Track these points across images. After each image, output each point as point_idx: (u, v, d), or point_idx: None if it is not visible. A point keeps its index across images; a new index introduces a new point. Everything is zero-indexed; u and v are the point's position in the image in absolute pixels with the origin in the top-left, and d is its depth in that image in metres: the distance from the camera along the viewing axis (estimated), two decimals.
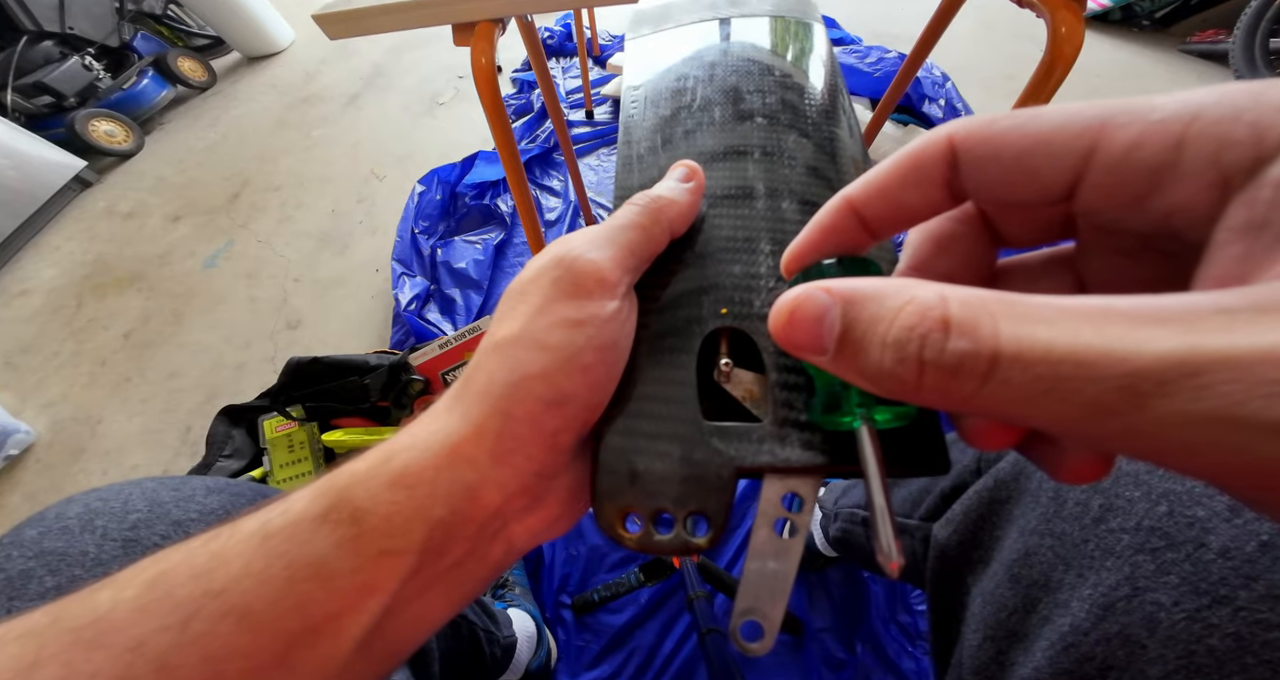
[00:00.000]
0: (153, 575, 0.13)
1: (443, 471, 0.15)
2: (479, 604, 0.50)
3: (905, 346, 0.09)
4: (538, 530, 0.17)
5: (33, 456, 0.99)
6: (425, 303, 1.03)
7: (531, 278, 0.17)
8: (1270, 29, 1.24)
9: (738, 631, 0.15)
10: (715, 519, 0.16)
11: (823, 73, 0.26)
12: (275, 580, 0.13)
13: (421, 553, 0.14)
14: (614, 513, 0.16)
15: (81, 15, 1.87)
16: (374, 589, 0.14)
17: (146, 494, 0.26)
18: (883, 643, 0.61)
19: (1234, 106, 0.09)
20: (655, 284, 0.19)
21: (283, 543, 0.14)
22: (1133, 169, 0.10)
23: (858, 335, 0.10)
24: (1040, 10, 0.46)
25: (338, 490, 0.14)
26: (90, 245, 1.51)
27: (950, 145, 0.12)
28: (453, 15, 0.51)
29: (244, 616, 0.13)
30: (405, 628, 0.15)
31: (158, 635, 0.12)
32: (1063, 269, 0.14)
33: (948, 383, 0.09)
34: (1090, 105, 0.11)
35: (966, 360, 0.08)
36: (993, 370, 0.08)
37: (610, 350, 0.16)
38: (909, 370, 0.09)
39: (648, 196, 0.19)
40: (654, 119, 0.25)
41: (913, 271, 0.15)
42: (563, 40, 1.79)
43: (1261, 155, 0.09)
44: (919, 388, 0.09)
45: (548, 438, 0.15)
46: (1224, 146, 0.09)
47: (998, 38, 1.60)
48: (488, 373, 0.16)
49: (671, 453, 0.16)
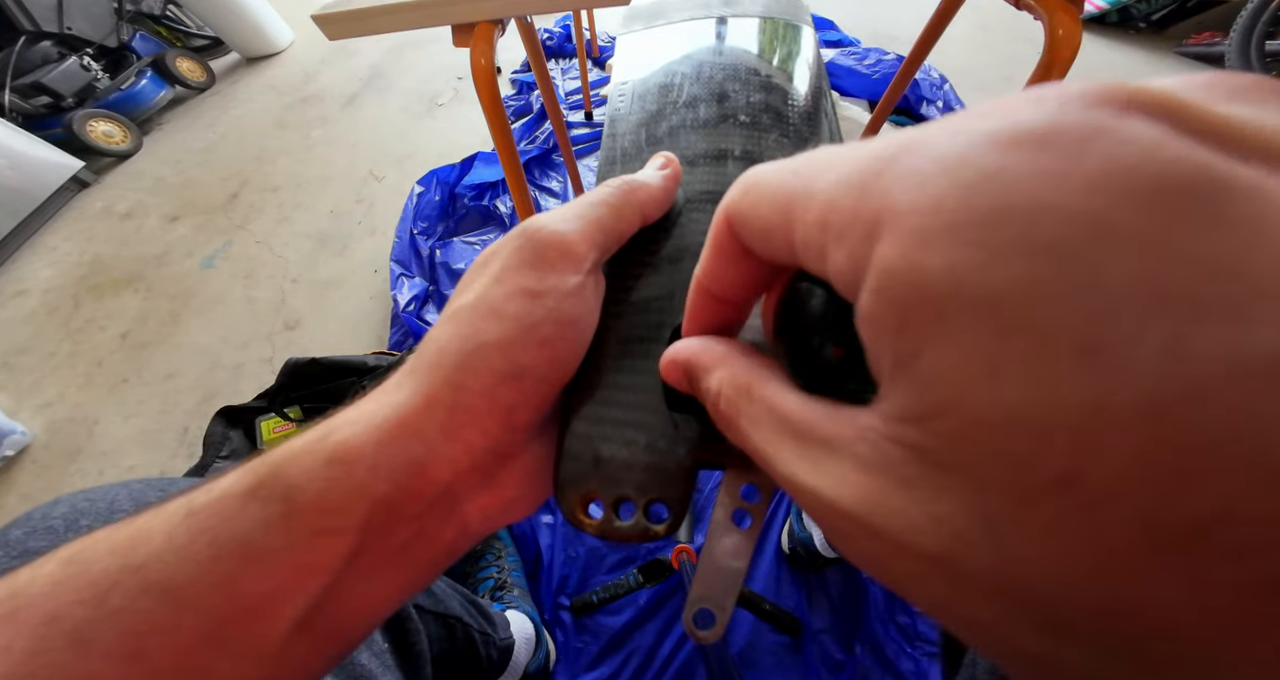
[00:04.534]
0: (73, 551, 0.13)
1: (386, 446, 0.14)
2: (475, 606, 0.50)
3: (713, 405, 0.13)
4: (493, 512, 0.16)
5: (29, 457, 0.99)
6: (424, 304, 1.03)
7: (494, 248, 0.17)
8: (1266, 31, 1.25)
9: (690, 619, 0.15)
10: (675, 507, 0.16)
11: (808, 76, 0.26)
12: (198, 556, 0.13)
13: (362, 532, 0.14)
14: (576, 498, 0.16)
15: (80, 15, 1.86)
16: (311, 569, 0.13)
17: (133, 495, 0.26)
18: (882, 643, 0.61)
19: (849, 183, 0.09)
20: (630, 275, 0.19)
21: (207, 519, 0.13)
22: (804, 246, 0.10)
23: (699, 389, 0.14)
24: (1038, 12, 0.46)
25: (270, 466, 0.14)
26: (88, 245, 1.50)
27: (726, 220, 0.12)
28: (452, 16, 0.51)
29: (165, 592, 0.12)
30: (351, 611, 0.15)
31: (73, 609, 0.12)
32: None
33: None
34: (804, 165, 0.10)
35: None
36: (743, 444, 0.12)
37: (571, 326, 0.16)
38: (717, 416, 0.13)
39: (621, 179, 0.19)
40: (640, 114, 0.25)
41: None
42: (562, 41, 1.79)
43: (871, 234, 0.08)
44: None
45: (503, 413, 0.15)
46: (840, 232, 0.09)
47: (995, 40, 1.60)
48: (440, 343, 0.15)
49: (636, 441, 0.16)
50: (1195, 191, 0.06)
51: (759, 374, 0.12)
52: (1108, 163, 0.06)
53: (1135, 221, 0.06)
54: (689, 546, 0.61)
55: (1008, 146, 0.07)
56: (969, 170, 0.07)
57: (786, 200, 0.10)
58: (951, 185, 0.07)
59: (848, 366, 0.11)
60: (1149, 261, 0.06)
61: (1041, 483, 0.06)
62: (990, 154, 0.07)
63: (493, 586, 0.66)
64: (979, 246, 0.07)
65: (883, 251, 0.08)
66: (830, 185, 0.09)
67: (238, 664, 0.13)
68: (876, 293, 0.08)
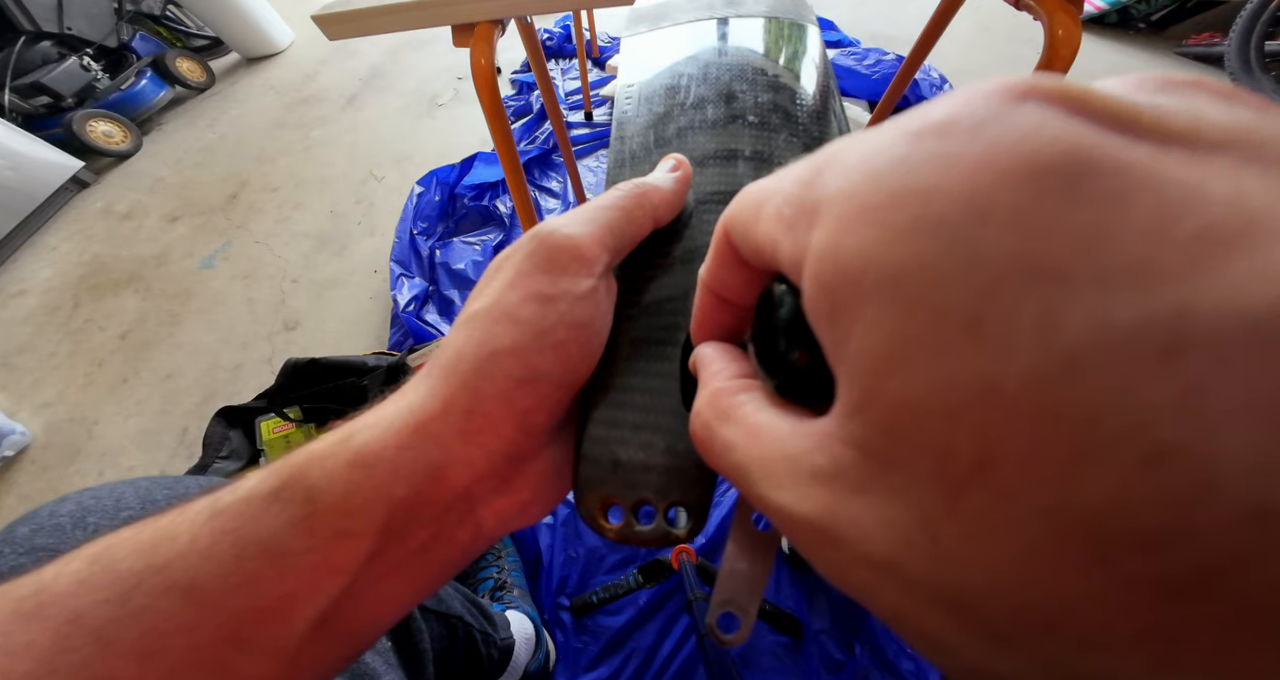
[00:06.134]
0: (98, 550, 0.13)
1: (405, 450, 0.14)
2: (476, 606, 0.50)
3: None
4: (508, 515, 0.16)
5: (28, 458, 0.99)
6: (424, 304, 1.03)
7: (508, 253, 0.17)
8: (1265, 32, 1.25)
9: (714, 623, 0.15)
10: (695, 510, 0.16)
11: (815, 75, 0.26)
12: (221, 557, 0.13)
13: (381, 534, 0.14)
14: (596, 503, 0.16)
15: (80, 15, 1.87)
16: (330, 570, 0.13)
17: (140, 492, 0.26)
18: (881, 644, 0.61)
19: (800, 180, 0.09)
20: (643, 277, 0.19)
21: (230, 520, 0.13)
22: (770, 243, 0.10)
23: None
24: (1038, 13, 0.46)
25: (293, 469, 0.14)
26: (87, 246, 1.50)
27: (724, 227, 0.12)
28: (452, 16, 0.51)
29: (188, 591, 0.12)
30: (366, 612, 0.15)
31: (97, 608, 0.12)
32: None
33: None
34: (783, 171, 0.11)
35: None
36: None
37: (584, 328, 0.16)
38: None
39: (632, 182, 0.19)
40: (647, 116, 0.25)
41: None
42: (562, 42, 1.79)
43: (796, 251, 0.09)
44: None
45: (519, 416, 0.15)
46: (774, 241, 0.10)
47: (995, 40, 1.60)
48: (456, 347, 0.15)
49: (655, 444, 0.16)
50: (1064, 169, 0.06)
51: (737, 398, 0.12)
52: (991, 145, 0.07)
53: (1010, 199, 0.06)
54: (689, 547, 0.61)
55: (915, 136, 0.08)
56: (881, 159, 0.08)
57: (760, 202, 0.11)
58: (867, 172, 0.08)
59: (814, 372, 0.10)
60: (1022, 237, 0.06)
61: (962, 472, 0.06)
62: (899, 143, 0.08)
63: (493, 587, 0.66)
64: (885, 227, 0.07)
65: (815, 237, 0.08)
66: (787, 184, 0.10)
67: (256, 663, 0.13)
68: (812, 279, 0.08)
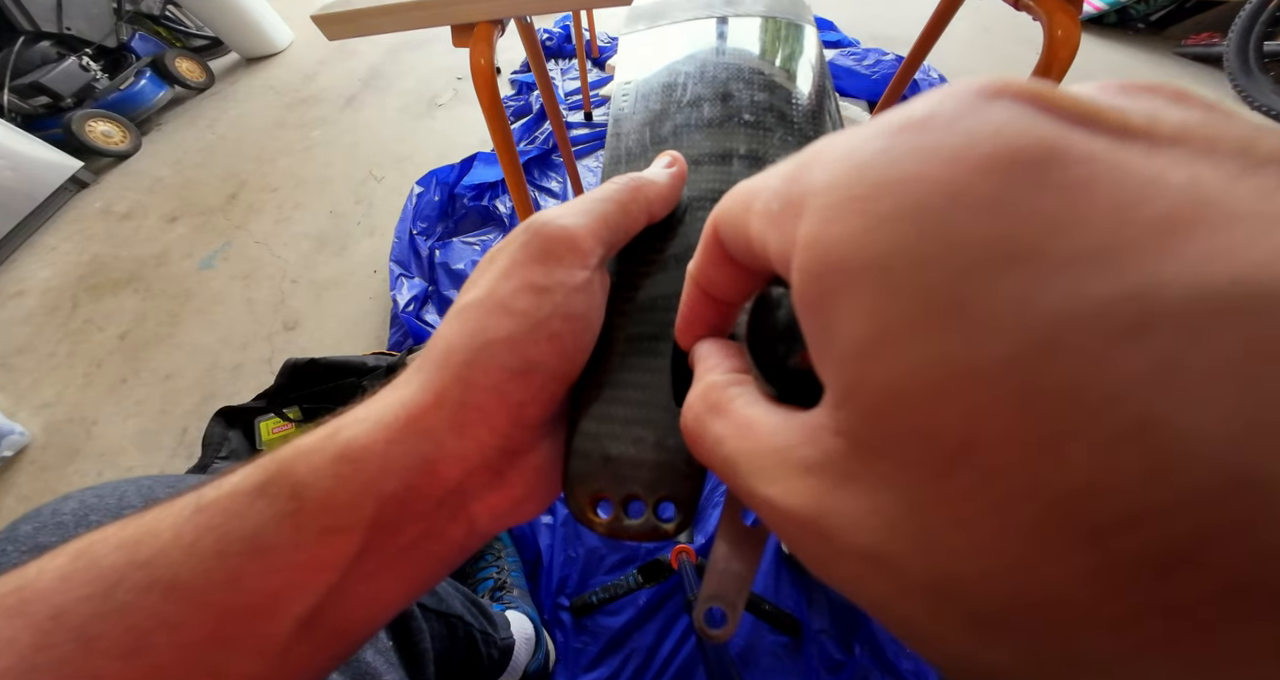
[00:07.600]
0: (81, 546, 0.13)
1: (396, 444, 0.14)
2: (476, 605, 0.50)
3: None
4: (502, 511, 0.16)
5: (27, 458, 0.98)
6: (423, 304, 1.03)
7: (501, 245, 0.17)
8: (1264, 32, 1.25)
9: (702, 618, 0.15)
10: (684, 505, 0.16)
11: (811, 76, 0.26)
12: (205, 553, 0.13)
13: (370, 530, 0.14)
14: (585, 497, 0.16)
15: (79, 15, 1.86)
16: (318, 567, 0.13)
17: (142, 490, 0.26)
18: (881, 644, 0.61)
19: (786, 176, 0.10)
20: (636, 273, 0.19)
21: (215, 516, 0.13)
22: (760, 239, 0.10)
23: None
24: (1037, 13, 0.46)
25: (279, 464, 0.14)
26: (86, 246, 1.50)
27: (713, 224, 0.12)
28: (452, 16, 0.51)
29: (171, 588, 0.12)
30: (357, 610, 0.14)
31: (78, 604, 0.12)
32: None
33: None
34: (770, 168, 0.11)
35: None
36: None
37: (579, 320, 0.16)
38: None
39: (628, 176, 0.19)
40: (644, 114, 0.25)
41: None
42: (561, 42, 1.80)
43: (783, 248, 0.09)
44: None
45: (513, 409, 0.15)
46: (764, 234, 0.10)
47: (994, 40, 1.61)
48: (448, 340, 0.15)
49: (645, 439, 0.16)
50: (1035, 158, 0.07)
51: (729, 392, 0.12)
52: (967, 137, 0.07)
53: (984, 185, 0.07)
54: (689, 547, 0.61)
55: (896, 131, 0.08)
56: (864, 152, 0.08)
57: (748, 198, 0.11)
58: (851, 165, 0.08)
59: (813, 374, 0.10)
60: (997, 221, 0.07)
61: (948, 453, 0.06)
62: (881, 137, 0.08)
63: (492, 587, 0.66)
64: (869, 215, 0.07)
65: (802, 229, 0.09)
66: (774, 180, 0.10)
67: (242, 661, 0.13)
68: (799, 270, 0.09)
